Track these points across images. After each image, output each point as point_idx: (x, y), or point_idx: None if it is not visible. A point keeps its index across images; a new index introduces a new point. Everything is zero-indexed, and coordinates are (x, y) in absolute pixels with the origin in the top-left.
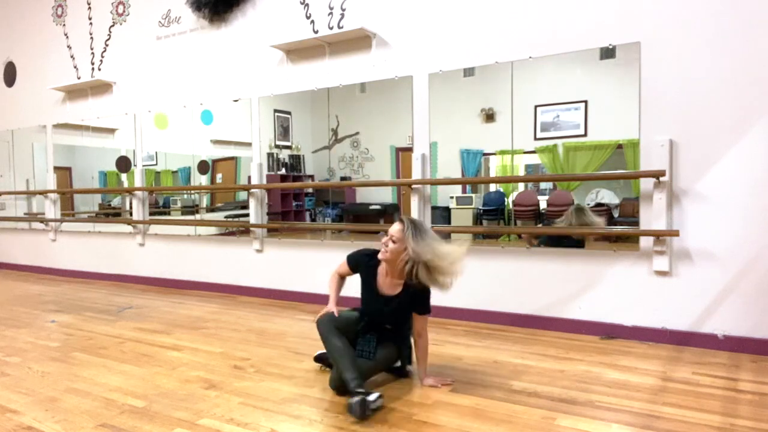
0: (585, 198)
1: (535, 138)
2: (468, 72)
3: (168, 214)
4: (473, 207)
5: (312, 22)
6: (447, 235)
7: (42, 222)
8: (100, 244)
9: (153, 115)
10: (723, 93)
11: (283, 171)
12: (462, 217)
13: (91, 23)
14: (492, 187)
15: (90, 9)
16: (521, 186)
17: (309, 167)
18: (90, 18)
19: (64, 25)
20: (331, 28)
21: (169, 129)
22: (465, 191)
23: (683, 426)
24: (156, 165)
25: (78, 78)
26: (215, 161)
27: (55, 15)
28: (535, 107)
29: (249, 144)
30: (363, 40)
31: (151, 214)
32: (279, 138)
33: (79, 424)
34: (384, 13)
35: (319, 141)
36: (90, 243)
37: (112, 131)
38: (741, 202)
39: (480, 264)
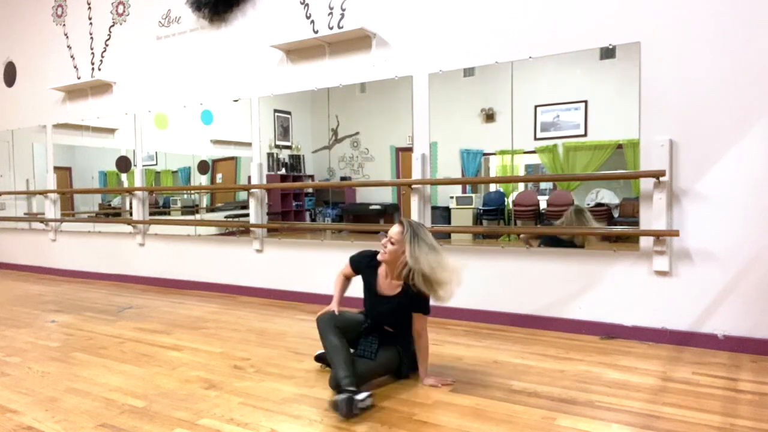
0: (585, 198)
1: (535, 138)
2: (468, 72)
3: (168, 214)
4: (473, 207)
5: (312, 22)
6: (447, 236)
7: (42, 222)
8: (100, 244)
9: (153, 115)
10: (723, 93)
11: (283, 171)
12: (462, 217)
13: (91, 23)
14: (492, 187)
15: (90, 9)
16: (521, 186)
17: (309, 167)
18: (90, 18)
19: (64, 25)
20: (331, 28)
21: (169, 129)
22: (465, 191)
23: (683, 426)
24: (156, 165)
25: (78, 78)
26: (215, 161)
27: (55, 15)
28: (535, 107)
29: (249, 144)
30: (363, 40)
31: (151, 214)
32: (279, 138)
33: (79, 424)
34: (384, 13)
35: (319, 141)
36: (90, 243)
37: (112, 131)
38: (741, 202)
39: (480, 264)
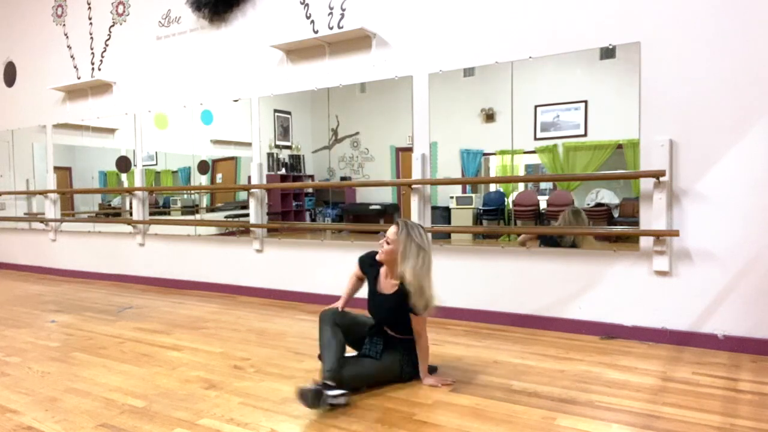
0: (585, 198)
1: (535, 138)
2: (468, 72)
3: (168, 214)
4: (473, 207)
5: (312, 22)
6: (447, 236)
7: (42, 222)
8: (100, 244)
9: (153, 115)
10: (723, 93)
11: (283, 171)
12: (462, 217)
13: (91, 23)
14: (492, 187)
15: (90, 9)
16: (521, 186)
17: (309, 167)
18: (90, 18)
19: (64, 25)
20: (331, 28)
21: (169, 129)
22: (465, 191)
23: (683, 426)
24: (156, 165)
25: (78, 78)
26: (215, 161)
27: (55, 15)
28: (535, 107)
29: (249, 144)
30: (363, 40)
31: (151, 214)
32: (279, 138)
33: (79, 424)
34: (384, 13)
35: (319, 141)
36: (90, 243)
37: (112, 131)
38: (741, 202)
39: (480, 264)
